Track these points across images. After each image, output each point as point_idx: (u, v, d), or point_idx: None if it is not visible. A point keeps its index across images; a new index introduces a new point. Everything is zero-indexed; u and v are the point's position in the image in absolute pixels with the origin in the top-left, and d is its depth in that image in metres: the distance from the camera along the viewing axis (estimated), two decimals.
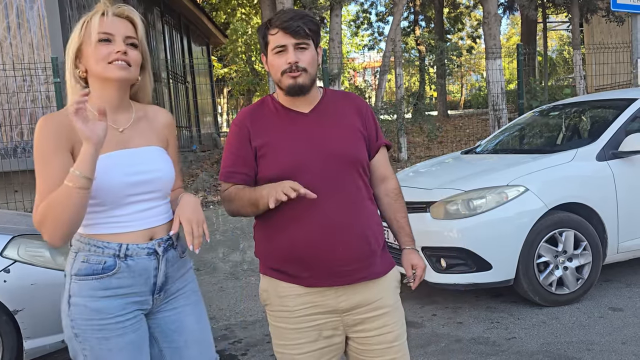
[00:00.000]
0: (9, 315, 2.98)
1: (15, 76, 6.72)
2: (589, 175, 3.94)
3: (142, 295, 1.60)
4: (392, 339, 1.75)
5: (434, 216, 3.80)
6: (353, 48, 29.03)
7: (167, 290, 1.66)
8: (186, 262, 1.75)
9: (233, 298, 4.48)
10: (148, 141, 1.64)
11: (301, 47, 1.67)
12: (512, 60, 28.68)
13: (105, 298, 1.54)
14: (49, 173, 1.48)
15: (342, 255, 1.67)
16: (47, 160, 1.49)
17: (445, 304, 4.02)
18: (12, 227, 3.31)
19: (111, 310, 1.54)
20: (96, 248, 1.55)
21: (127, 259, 1.56)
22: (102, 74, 1.55)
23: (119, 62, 1.54)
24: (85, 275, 1.54)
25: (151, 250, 1.60)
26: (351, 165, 1.72)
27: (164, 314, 1.68)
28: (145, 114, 1.69)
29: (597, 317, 3.56)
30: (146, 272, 1.59)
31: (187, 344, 1.68)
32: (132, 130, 1.62)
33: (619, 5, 7.45)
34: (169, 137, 1.73)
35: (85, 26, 1.56)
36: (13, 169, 6.79)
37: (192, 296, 1.73)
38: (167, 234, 1.65)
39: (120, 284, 1.56)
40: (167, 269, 1.64)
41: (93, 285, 1.54)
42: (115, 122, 1.60)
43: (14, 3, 6.79)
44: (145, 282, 1.60)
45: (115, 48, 1.54)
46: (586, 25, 15.80)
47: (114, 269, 1.55)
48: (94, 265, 1.54)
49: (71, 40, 1.57)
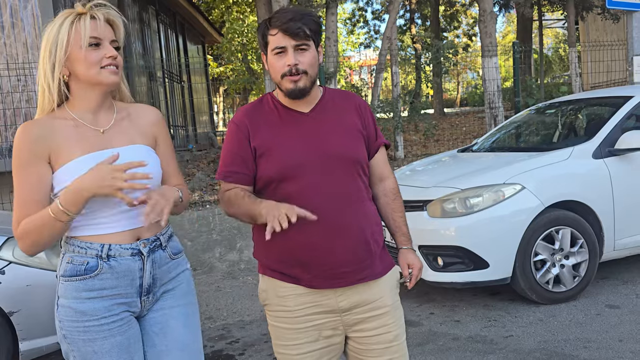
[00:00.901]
0: (4, 316, 2.97)
1: (9, 76, 6.69)
2: (586, 173, 3.94)
3: (128, 297, 1.57)
4: (391, 339, 1.75)
5: (430, 215, 3.80)
6: (349, 46, 29.02)
7: (156, 292, 1.63)
8: (179, 263, 1.70)
9: (230, 298, 4.47)
10: (131, 140, 1.61)
11: (301, 49, 1.65)
12: (508, 58, 28.73)
13: (89, 300, 1.53)
14: (26, 182, 1.50)
15: (343, 257, 1.67)
16: (24, 170, 1.50)
17: (442, 302, 4.02)
18: (7, 228, 3.29)
19: (96, 312, 1.53)
20: (80, 249, 1.54)
21: (110, 259, 1.54)
22: (94, 79, 1.54)
23: (111, 66, 1.54)
24: (70, 277, 1.54)
25: (135, 251, 1.56)
26: (351, 165, 1.72)
27: (150, 315, 1.64)
28: (128, 113, 1.66)
29: (594, 315, 3.57)
30: (130, 273, 1.56)
31: (168, 348, 1.62)
32: (113, 131, 1.60)
33: (614, 2, 7.47)
34: (157, 134, 1.69)
35: (74, 29, 1.52)
36: (8, 169, 6.75)
37: (182, 298, 1.68)
38: (155, 235, 1.61)
39: (103, 285, 1.54)
40: (154, 271, 1.61)
41: (77, 286, 1.53)
42: (96, 123, 1.59)
43: (7, 2, 6.75)
44: (131, 284, 1.57)
45: (106, 53, 1.54)
46: (582, 22, 15.84)
47: (96, 269, 1.53)
48: (78, 266, 1.53)
49: (58, 42, 1.52)
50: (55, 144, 1.51)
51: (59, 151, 1.51)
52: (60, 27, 1.53)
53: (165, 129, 1.74)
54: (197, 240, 5.99)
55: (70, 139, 1.53)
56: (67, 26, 1.52)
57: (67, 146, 1.52)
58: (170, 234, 1.68)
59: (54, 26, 1.54)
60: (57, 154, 1.51)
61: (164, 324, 1.63)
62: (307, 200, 1.64)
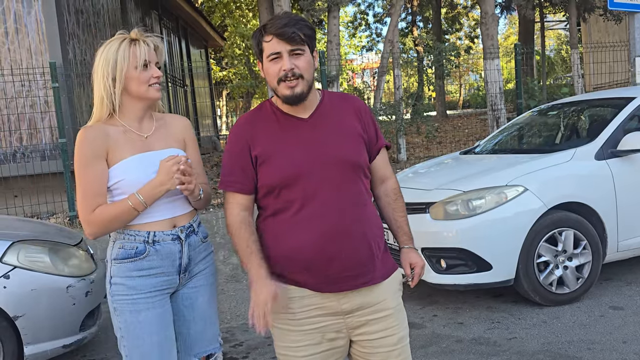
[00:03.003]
0: (9, 321, 2.98)
1: (13, 81, 6.72)
2: (588, 175, 3.94)
3: (170, 275, 1.89)
4: (395, 342, 1.76)
5: (433, 217, 3.80)
6: (351, 49, 29.04)
7: (191, 270, 1.95)
8: (207, 246, 2.02)
9: (234, 301, 4.48)
10: (167, 144, 1.93)
11: (296, 53, 1.66)
12: (510, 60, 28.69)
13: (139, 277, 1.84)
14: (91, 176, 1.81)
15: (346, 261, 1.68)
16: (87, 166, 1.81)
17: (445, 304, 4.02)
18: (11, 233, 3.31)
19: (144, 287, 1.84)
20: (129, 236, 1.86)
21: (155, 244, 1.86)
22: (144, 95, 1.87)
23: (156, 85, 1.89)
24: (123, 259, 1.85)
25: (175, 236, 1.89)
26: (352, 169, 1.72)
27: (182, 291, 1.96)
28: (165, 122, 1.99)
29: (598, 316, 3.56)
30: (172, 254, 1.88)
31: (195, 319, 1.97)
32: (154, 136, 1.93)
33: (615, 4, 7.45)
34: (186, 138, 2.01)
35: (131, 53, 1.83)
36: (12, 174, 6.78)
37: (209, 278, 2.01)
38: (189, 222, 1.93)
39: (151, 265, 1.85)
40: (190, 252, 1.93)
41: (129, 267, 1.84)
42: (141, 130, 1.92)
43: (11, 8, 6.79)
44: (172, 264, 1.89)
45: (153, 73, 1.87)
46: (584, 24, 15.82)
47: (145, 252, 1.85)
48: (129, 250, 1.85)
49: (118, 60, 1.82)
50: (110, 145, 1.83)
51: (113, 151, 1.84)
52: (119, 48, 1.83)
53: (192, 134, 2.07)
54: None
55: (121, 142, 1.85)
56: (125, 49, 1.83)
57: (119, 148, 1.84)
58: (199, 222, 2.00)
59: (111, 46, 1.84)
60: (112, 154, 1.84)
61: (193, 299, 1.97)
62: (309, 206, 1.65)
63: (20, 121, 6.88)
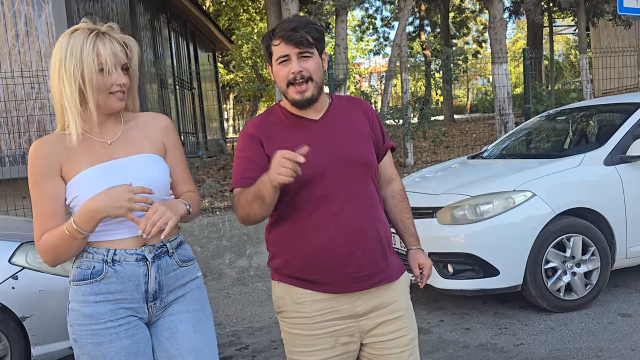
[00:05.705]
0: (17, 321, 3.00)
1: (23, 84, 6.77)
2: (597, 180, 3.91)
3: (134, 302, 1.59)
4: (407, 342, 1.77)
5: (440, 222, 3.79)
6: (359, 53, 29.05)
7: (164, 299, 1.64)
8: (189, 271, 1.70)
9: (240, 304, 4.48)
10: (138, 149, 1.63)
11: (305, 56, 1.68)
12: (518, 65, 28.56)
13: (96, 303, 1.56)
14: (42, 197, 1.56)
15: (362, 260, 1.69)
16: (39, 185, 1.56)
17: (452, 310, 4.00)
18: (20, 234, 3.33)
19: (102, 315, 1.56)
20: (87, 254, 1.59)
21: (115, 264, 1.57)
22: (102, 103, 1.58)
23: (119, 93, 1.58)
24: (78, 281, 1.58)
25: (140, 256, 1.59)
26: (365, 169, 1.74)
27: (160, 321, 1.65)
28: (136, 122, 1.69)
29: (606, 323, 3.53)
30: (135, 278, 1.58)
31: (180, 352, 1.63)
32: (121, 142, 1.63)
33: (625, 9, 7.43)
34: (166, 141, 1.71)
35: (97, 52, 1.53)
36: (21, 175, 6.83)
37: (192, 304, 1.68)
38: (161, 241, 1.62)
39: (109, 289, 1.57)
40: (160, 277, 1.62)
41: (84, 290, 1.57)
42: (103, 135, 1.63)
43: (22, 11, 6.85)
44: (136, 289, 1.59)
45: (117, 79, 1.56)
46: (593, 29, 15.75)
47: (102, 273, 1.57)
48: (85, 270, 1.58)
49: (83, 61, 1.52)
50: (64, 158, 1.57)
51: (69, 164, 1.57)
52: (85, 42, 1.53)
53: (174, 136, 1.75)
54: (206, 247, 6.02)
55: (78, 152, 1.58)
56: (88, 45, 1.53)
57: (75, 159, 1.57)
58: (179, 242, 1.69)
59: (77, 38, 1.54)
60: (68, 167, 1.57)
61: (173, 329, 1.64)
62: (325, 205, 1.66)
63: (29, 123, 6.93)
